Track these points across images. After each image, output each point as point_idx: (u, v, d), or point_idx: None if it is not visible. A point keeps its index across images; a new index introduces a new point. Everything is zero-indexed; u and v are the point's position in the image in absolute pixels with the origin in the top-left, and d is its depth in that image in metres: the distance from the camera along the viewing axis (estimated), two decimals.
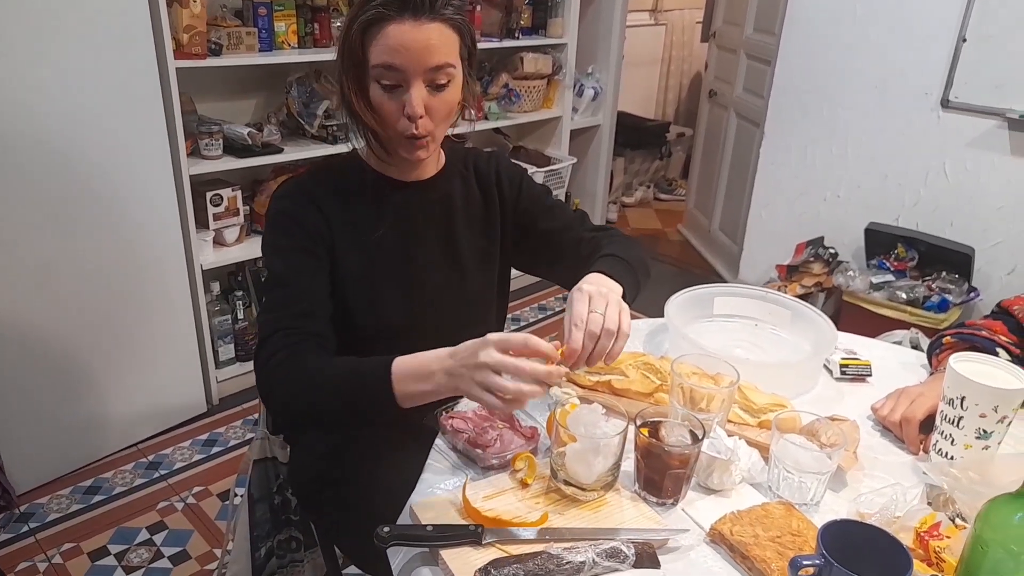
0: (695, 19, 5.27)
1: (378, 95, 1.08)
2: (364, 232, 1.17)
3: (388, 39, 1.03)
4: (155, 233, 2.22)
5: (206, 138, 2.33)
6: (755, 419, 1.09)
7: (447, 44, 1.06)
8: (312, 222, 1.13)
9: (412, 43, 1.03)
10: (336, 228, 1.14)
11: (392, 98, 1.07)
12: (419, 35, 1.03)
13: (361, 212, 1.17)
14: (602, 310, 0.98)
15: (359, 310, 1.17)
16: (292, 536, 1.53)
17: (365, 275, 1.17)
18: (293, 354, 1.03)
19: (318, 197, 1.14)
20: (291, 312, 1.08)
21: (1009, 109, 2.46)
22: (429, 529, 0.87)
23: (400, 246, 1.20)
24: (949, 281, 2.65)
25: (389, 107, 1.08)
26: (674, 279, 3.79)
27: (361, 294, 1.17)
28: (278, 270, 1.12)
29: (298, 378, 1.01)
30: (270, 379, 1.04)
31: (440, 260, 1.24)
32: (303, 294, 1.10)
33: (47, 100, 1.90)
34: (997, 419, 0.97)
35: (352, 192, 1.17)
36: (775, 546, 0.85)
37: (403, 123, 1.08)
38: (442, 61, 1.06)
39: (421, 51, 1.04)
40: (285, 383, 1.02)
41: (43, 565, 1.88)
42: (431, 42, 1.04)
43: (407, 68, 1.04)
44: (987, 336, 1.19)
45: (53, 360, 2.09)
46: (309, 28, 2.56)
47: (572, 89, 3.53)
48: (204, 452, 2.33)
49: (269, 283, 1.14)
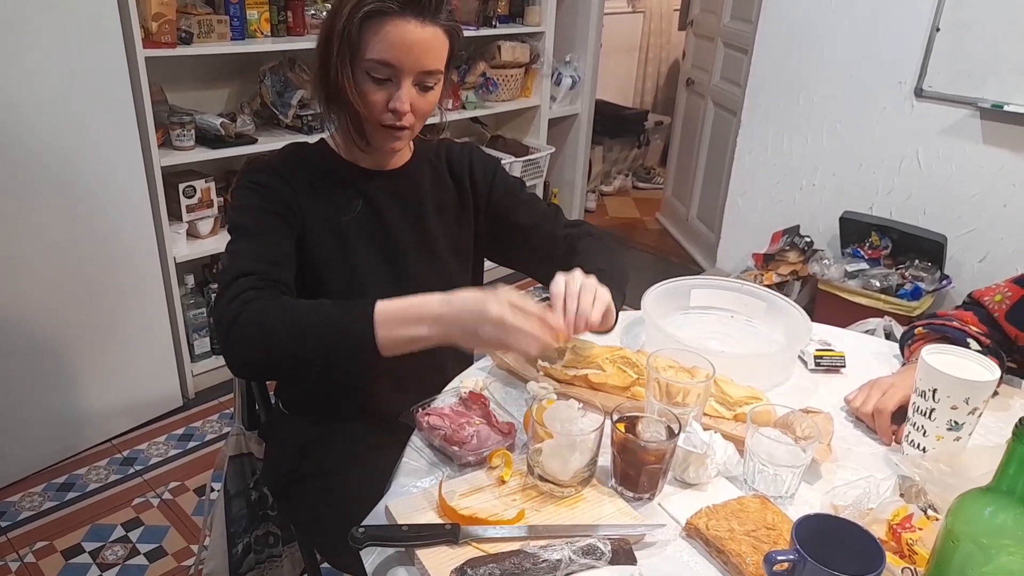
0: (672, 7, 5.27)
1: (365, 85, 1.08)
2: (334, 216, 1.17)
3: (389, 35, 1.04)
4: (127, 226, 2.18)
5: (178, 129, 2.29)
6: (730, 412, 1.09)
7: (441, 49, 1.09)
8: (284, 193, 1.12)
9: (413, 44, 1.05)
10: (306, 208, 1.14)
11: (379, 90, 1.08)
12: (419, 37, 1.05)
13: (330, 196, 1.17)
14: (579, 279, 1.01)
15: (336, 294, 1.15)
16: (269, 531, 1.52)
17: (340, 259, 1.17)
18: (262, 296, 0.99)
19: (288, 176, 1.14)
20: (260, 258, 1.05)
21: (981, 99, 2.49)
22: (405, 529, 0.86)
23: (372, 232, 1.20)
24: (922, 269, 2.68)
25: (375, 98, 1.08)
26: (652, 267, 3.80)
27: (337, 279, 1.16)
28: (247, 224, 1.09)
29: (268, 318, 0.96)
30: (236, 319, 0.95)
31: (414, 248, 1.24)
32: (273, 246, 1.08)
33: (13, 91, 1.85)
34: (968, 411, 0.98)
35: (321, 176, 1.17)
36: (750, 540, 0.86)
37: (387, 115, 1.10)
38: (435, 67, 1.09)
39: (419, 53, 1.06)
40: (252, 325, 0.95)
41: (15, 565, 1.86)
42: (429, 45, 1.06)
43: (403, 67, 1.06)
44: (958, 327, 1.20)
45: (24, 355, 2.05)
46: (282, 16, 2.52)
47: (550, 78, 3.52)
48: (180, 447, 2.31)
49: (236, 235, 1.09)
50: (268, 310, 0.97)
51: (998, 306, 1.21)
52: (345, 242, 1.17)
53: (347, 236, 1.17)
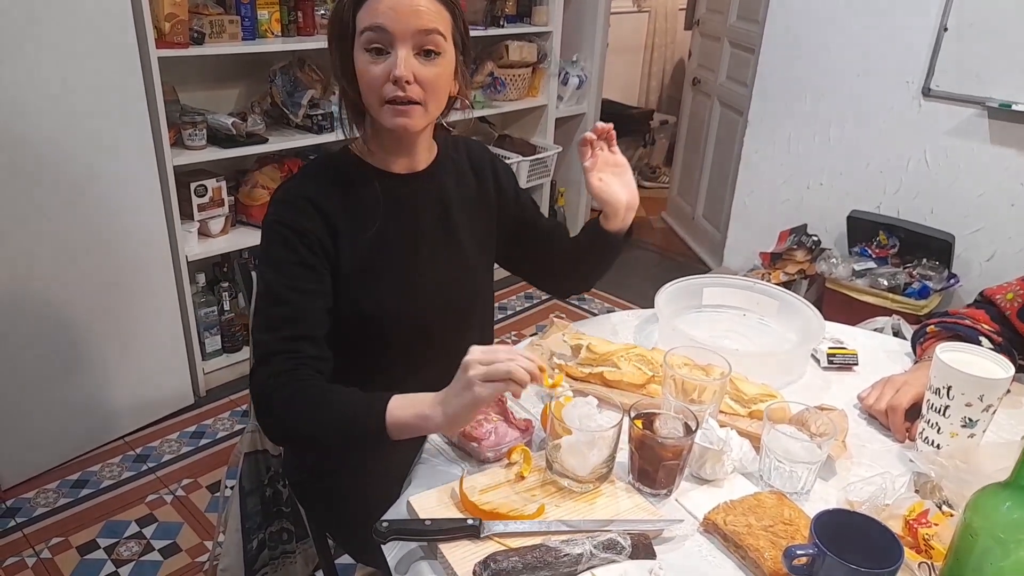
0: (678, 6, 5.28)
1: (364, 61, 1.05)
2: (365, 226, 1.15)
3: (378, 3, 1.02)
4: (139, 225, 2.20)
5: (189, 128, 2.31)
6: (746, 409, 1.11)
7: (437, 13, 1.05)
8: (312, 230, 1.09)
9: (400, 5, 1.02)
10: (337, 226, 1.12)
11: (378, 62, 1.05)
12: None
13: (361, 207, 1.15)
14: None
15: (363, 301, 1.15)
16: (284, 528, 1.53)
17: (368, 268, 1.15)
18: (292, 380, 1.03)
19: (317, 199, 1.11)
20: (288, 334, 1.06)
21: (989, 98, 2.50)
22: (427, 523, 0.88)
23: (403, 239, 1.19)
24: (929, 268, 2.69)
25: (375, 71, 1.04)
26: (657, 266, 3.81)
27: (364, 287, 1.15)
28: (275, 286, 1.09)
29: (296, 407, 1.02)
30: (269, 403, 1.04)
31: (442, 251, 1.23)
32: (300, 314, 1.08)
33: (28, 91, 1.87)
34: (982, 408, 0.99)
35: (350, 187, 1.15)
36: (767, 535, 0.87)
37: (388, 87, 1.05)
38: (431, 25, 1.04)
39: (409, 13, 1.02)
40: (283, 410, 1.03)
41: (31, 560, 1.87)
42: (419, 6, 1.03)
43: (394, 29, 1.02)
44: (970, 325, 1.21)
45: (37, 353, 2.07)
46: (292, 16, 2.54)
47: (557, 77, 3.53)
48: (192, 444, 2.32)
49: (265, 298, 1.11)
50: (292, 408, 1.03)
51: (1009, 304, 1.22)
52: (374, 251, 1.16)
53: (376, 245, 1.16)
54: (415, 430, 0.96)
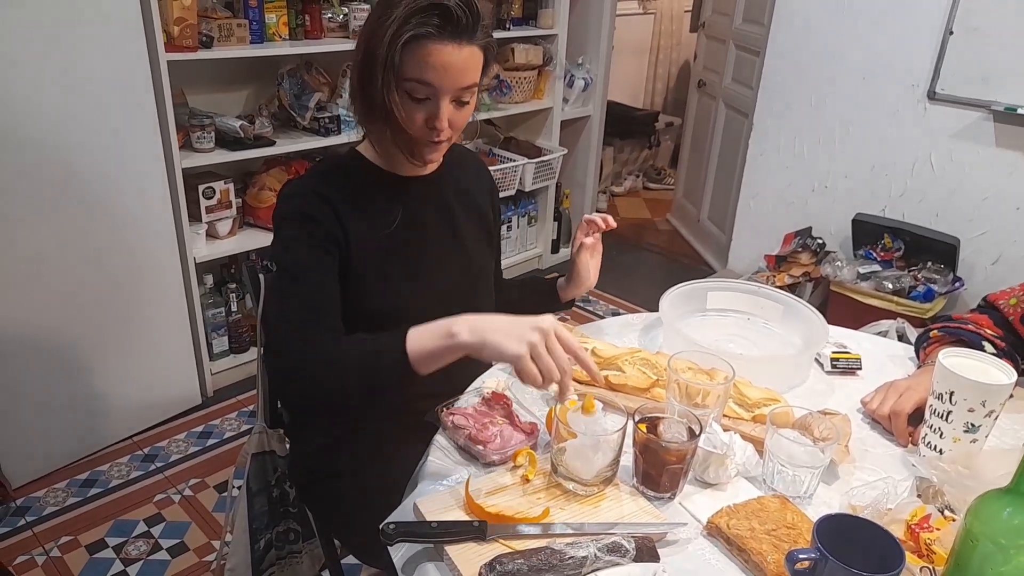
0: (683, 8, 5.28)
1: (404, 99, 1.09)
2: (377, 228, 1.18)
3: (428, 57, 1.05)
4: (148, 226, 2.22)
5: (198, 131, 2.32)
6: (749, 413, 1.12)
7: (477, 66, 1.11)
8: (326, 219, 1.13)
9: (451, 65, 1.06)
10: (349, 226, 1.15)
11: (419, 108, 1.10)
12: (457, 58, 1.06)
13: (370, 208, 1.19)
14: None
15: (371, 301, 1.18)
16: (290, 528, 1.54)
17: (377, 269, 1.18)
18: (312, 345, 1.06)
19: (329, 196, 1.14)
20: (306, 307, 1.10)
21: (994, 101, 2.50)
22: (434, 525, 0.89)
23: (411, 241, 1.22)
24: (934, 271, 2.69)
25: (415, 115, 1.11)
26: (662, 268, 3.82)
27: (373, 287, 1.18)
28: (293, 265, 1.13)
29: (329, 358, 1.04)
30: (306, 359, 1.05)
31: (449, 253, 1.28)
32: (316, 290, 1.12)
33: (38, 94, 1.89)
34: (985, 413, 1.00)
35: (358, 188, 1.19)
36: (771, 539, 0.88)
37: (425, 131, 1.12)
38: (471, 83, 1.11)
39: (456, 74, 1.07)
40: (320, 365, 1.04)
41: (41, 559, 1.89)
42: (466, 64, 1.08)
43: (441, 87, 1.08)
44: (973, 330, 1.22)
45: (47, 354, 2.09)
46: (300, 20, 2.55)
47: (563, 80, 3.53)
48: (200, 444, 2.34)
49: (285, 277, 1.14)
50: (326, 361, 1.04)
51: (1013, 309, 1.23)
52: (385, 252, 1.19)
53: (388, 247, 1.19)
54: (436, 335, 0.97)
